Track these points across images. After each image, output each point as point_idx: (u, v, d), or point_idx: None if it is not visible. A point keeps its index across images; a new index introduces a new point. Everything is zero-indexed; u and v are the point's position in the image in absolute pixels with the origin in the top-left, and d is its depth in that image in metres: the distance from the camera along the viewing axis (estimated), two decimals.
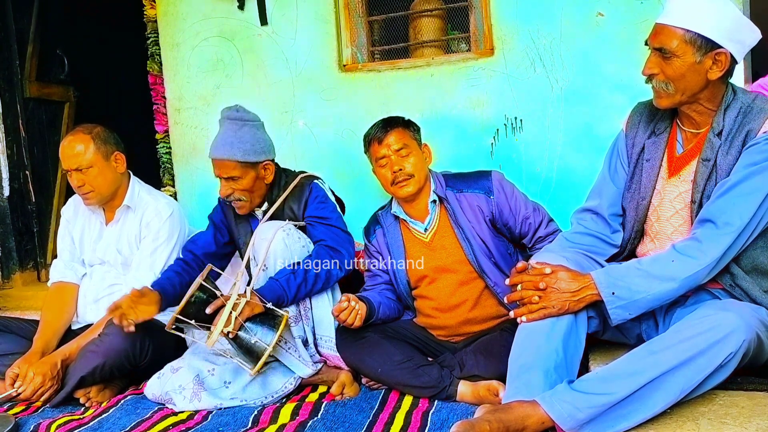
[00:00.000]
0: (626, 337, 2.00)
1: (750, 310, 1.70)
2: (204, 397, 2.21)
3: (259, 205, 2.51)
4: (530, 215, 2.31)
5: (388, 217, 2.43)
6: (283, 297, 2.23)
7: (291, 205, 2.47)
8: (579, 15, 2.73)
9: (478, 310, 2.31)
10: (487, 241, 2.28)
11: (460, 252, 2.30)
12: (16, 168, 3.83)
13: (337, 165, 3.09)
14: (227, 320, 2.10)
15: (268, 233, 2.32)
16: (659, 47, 1.77)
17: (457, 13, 3.00)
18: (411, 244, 2.37)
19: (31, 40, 3.91)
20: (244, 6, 3.19)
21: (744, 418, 1.64)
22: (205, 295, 2.17)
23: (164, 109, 3.43)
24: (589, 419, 1.62)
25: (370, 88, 3.06)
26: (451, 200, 2.32)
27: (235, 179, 2.38)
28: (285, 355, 2.29)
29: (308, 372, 2.30)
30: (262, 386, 2.27)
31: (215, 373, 2.26)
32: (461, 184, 2.34)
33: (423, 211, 2.35)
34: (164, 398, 2.25)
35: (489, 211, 2.29)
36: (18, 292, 3.73)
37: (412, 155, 2.29)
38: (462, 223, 2.29)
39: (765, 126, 1.73)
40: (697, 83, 1.77)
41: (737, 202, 1.72)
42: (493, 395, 2.05)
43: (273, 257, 2.30)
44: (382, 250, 2.42)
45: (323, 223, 2.41)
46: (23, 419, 2.23)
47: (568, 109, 2.79)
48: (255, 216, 2.54)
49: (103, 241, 2.66)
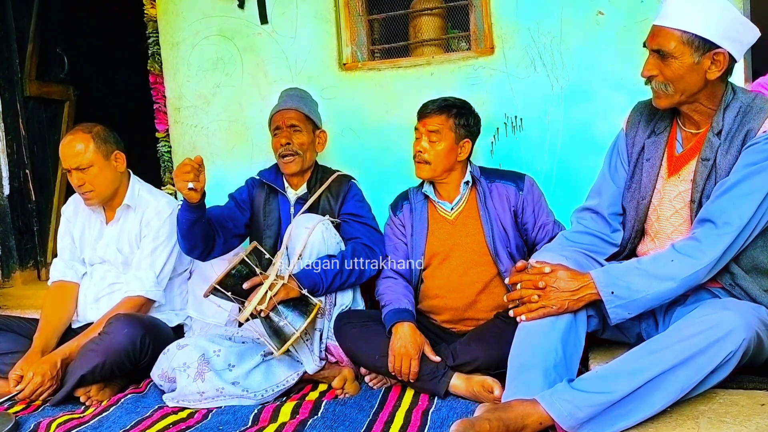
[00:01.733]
0: (626, 336, 2.00)
1: (750, 308, 1.70)
2: (208, 378, 2.22)
3: (295, 186, 2.58)
4: (548, 224, 2.35)
5: (418, 195, 2.46)
6: (319, 285, 2.27)
7: (329, 198, 2.54)
8: (579, 14, 2.73)
9: (485, 294, 2.33)
10: (508, 230, 2.34)
11: (481, 233, 2.34)
12: (16, 167, 3.84)
13: (338, 163, 3.09)
14: (262, 298, 2.13)
15: (308, 223, 2.36)
16: (657, 49, 1.77)
17: (458, 12, 3.00)
18: (434, 221, 2.41)
19: (31, 39, 3.91)
20: (244, 5, 3.19)
21: (744, 417, 1.63)
22: (246, 270, 2.20)
23: (164, 108, 3.44)
24: (588, 418, 1.62)
25: (371, 87, 3.06)
26: (483, 185, 2.38)
27: (297, 129, 2.52)
28: (302, 347, 2.30)
29: (314, 368, 2.31)
30: (265, 376, 2.28)
31: (221, 354, 2.28)
32: (494, 176, 2.41)
33: (453, 191, 2.40)
34: (169, 375, 2.27)
35: (515, 203, 2.34)
36: (18, 291, 3.73)
37: (441, 143, 2.33)
38: (489, 206, 2.35)
39: (765, 125, 1.73)
40: (696, 84, 1.77)
41: (737, 202, 1.72)
42: (488, 392, 2.05)
43: (310, 248, 2.33)
44: (406, 223, 2.45)
45: (360, 221, 2.48)
46: (23, 418, 2.23)
47: (569, 108, 2.79)
48: (287, 199, 2.58)
49: (103, 240, 2.66)
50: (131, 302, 2.53)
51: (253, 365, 2.28)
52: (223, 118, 3.32)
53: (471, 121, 2.39)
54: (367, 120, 3.09)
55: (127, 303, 2.52)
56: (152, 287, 2.56)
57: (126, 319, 2.37)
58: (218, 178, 3.25)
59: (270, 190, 2.61)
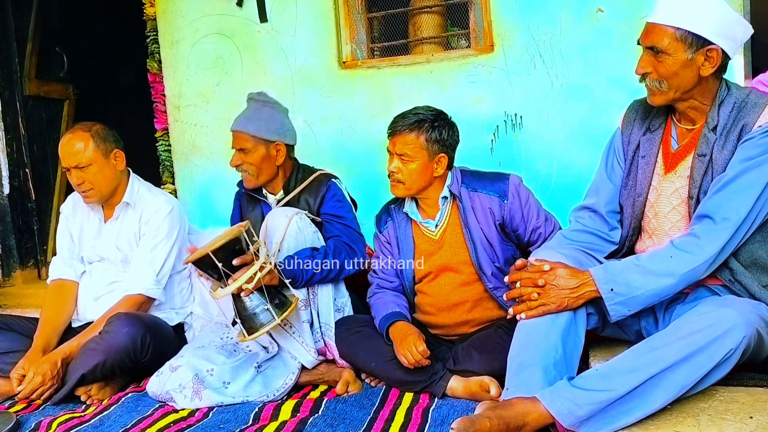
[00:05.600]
0: (626, 334, 2.00)
1: (750, 306, 1.70)
2: (205, 395, 2.21)
3: (273, 191, 2.60)
4: (541, 225, 2.26)
5: (399, 213, 2.37)
6: (299, 277, 2.27)
7: (307, 199, 2.54)
8: (579, 11, 2.73)
9: (477, 312, 2.29)
10: (494, 245, 2.24)
11: (466, 252, 2.26)
12: (16, 166, 3.84)
13: (337, 161, 3.09)
14: (251, 277, 2.10)
15: (281, 218, 2.37)
16: (651, 46, 1.78)
17: (457, 10, 3.00)
18: (420, 241, 2.33)
19: (31, 38, 3.91)
20: (243, 3, 3.19)
21: (744, 414, 1.63)
22: (238, 246, 2.16)
23: (163, 106, 3.44)
24: (589, 416, 1.62)
25: (370, 85, 3.06)
26: (464, 198, 2.25)
27: (245, 151, 2.50)
28: (290, 340, 2.30)
29: (311, 360, 2.31)
30: (264, 385, 2.28)
31: (214, 373, 2.26)
32: (476, 183, 2.27)
33: (433, 206, 2.30)
34: (165, 397, 2.25)
35: (500, 215, 2.23)
36: (18, 290, 3.74)
37: (413, 162, 2.21)
38: (470, 224, 2.24)
39: (760, 120, 1.74)
40: (690, 80, 1.78)
41: (734, 198, 1.72)
42: (485, 391, 2.05)
43: (288, 240, 2.34)
44: (392, 242, 2.39)
45: (340, 222, 2.47)
46: (24, 417, 2.24)
47: (568, 106, 2.79)
48: (268, 204, 2.61)
49: (102, 239, 2.66)
50: (131, 301, 2.52)
51: (249, 379, 2.26)
52: (222, 116, 3.32)
53: (445, 134, 2.23)
54: (366, 118, 3.09)
55: (127, 301, 2.52)
56: (152, 285, 2.56)
57: (126, 317, 2.37)
58: (217, 176, 3.25)
59: (251, 199, 2.64)
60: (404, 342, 2.11)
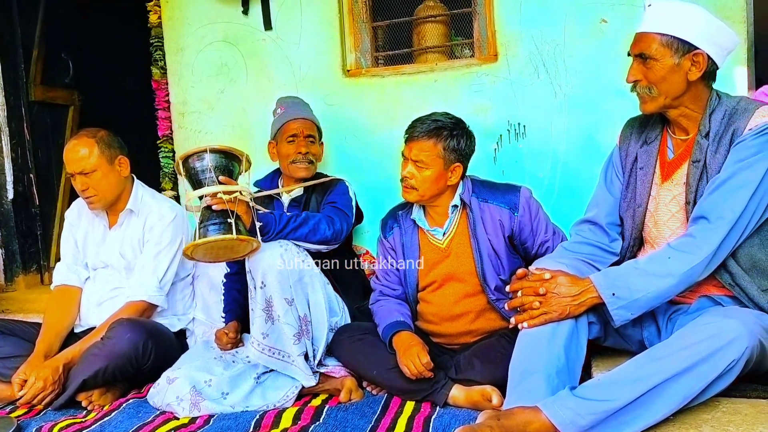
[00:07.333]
0: (628, 344, 2.00)
1: (753, 317, 1.70)
2: (204, 406, 2.20)
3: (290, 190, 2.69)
4: (549, 239, 2.26)
5: (407, 219, 2.34)
6: (272, 225, 2.30)
7: (317, 196, 2.63)
8: (582, 21, 2.74)
9: (480, 323, 2.28)
10: (501, 257, 2.22)
11: (471, 263, 2.24)
12: (20, 171, 3.85)
13: (341, 169, 3.09)
14: (231, 192, 2.13)
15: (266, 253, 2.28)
16: (639, 53, 1.85)
17: (461, 19, 3.01)
18: (426, 249, 2.31)
19: (36, 44, 3.93)
20: (249, 11, 3.21)
21: (747, 426, 1.63)
22: (232, 167, 2.22)
23: (167, 113, 3.45)
24: (591, 425, 1.62)
25: (374, 94, 3.07)
26: (474, 208, 2.23)
27: (312, 140, 2.67)
28: (289, 367, 2.28)
29: (310, 383, 2.30)
30: (262, 396, 2.27)
31: (212, 384, 2.24)
32: (487, 194, 2.25)
33: (442, 214, 2.28)
34: (165, 408, 2.25)
35: (510, 227, 2.21)
36: (21, 295, 3.73)
37: (428, 170, 2.18)
38: (479, 235, 2.22)
39: (750, 123, 1.77)
40: (678, 85, 1.82)
41: (728, 197, 1.75)
42: (486, 400, 2.05)
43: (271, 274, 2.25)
44: (397, 249, 2.36)
45: (332, 205, 2.54)
46: (25, 422, 2.23)
47: (572, 116, 2.80)
48: (281, 203, 2.67)
49: (106, 245, 2.66)
50: (134, 307, 2.53)
51: (248, 390, 2.25)
52: (227, 123, 3.33)
53: (463, 144, 2.21)
54: (370, 126, 3.10)
55: (130, 308, 2.52)
56: (155, 292, 2.56)
57: (128, 324, 2.37)
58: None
59: (266, 197, 2.65)
60: (408, 352, 2.10)
